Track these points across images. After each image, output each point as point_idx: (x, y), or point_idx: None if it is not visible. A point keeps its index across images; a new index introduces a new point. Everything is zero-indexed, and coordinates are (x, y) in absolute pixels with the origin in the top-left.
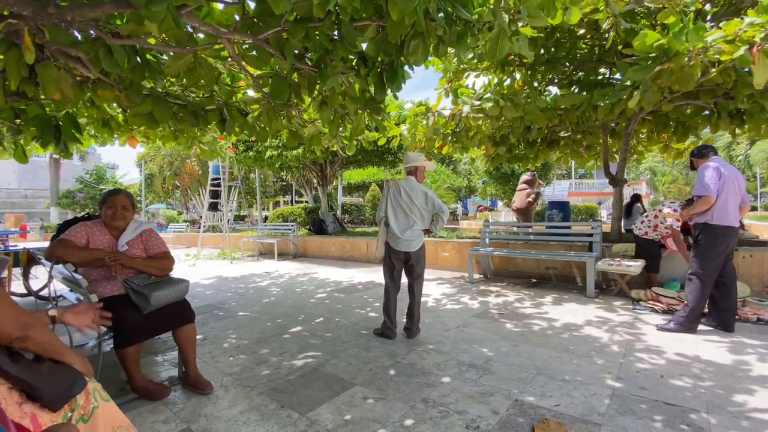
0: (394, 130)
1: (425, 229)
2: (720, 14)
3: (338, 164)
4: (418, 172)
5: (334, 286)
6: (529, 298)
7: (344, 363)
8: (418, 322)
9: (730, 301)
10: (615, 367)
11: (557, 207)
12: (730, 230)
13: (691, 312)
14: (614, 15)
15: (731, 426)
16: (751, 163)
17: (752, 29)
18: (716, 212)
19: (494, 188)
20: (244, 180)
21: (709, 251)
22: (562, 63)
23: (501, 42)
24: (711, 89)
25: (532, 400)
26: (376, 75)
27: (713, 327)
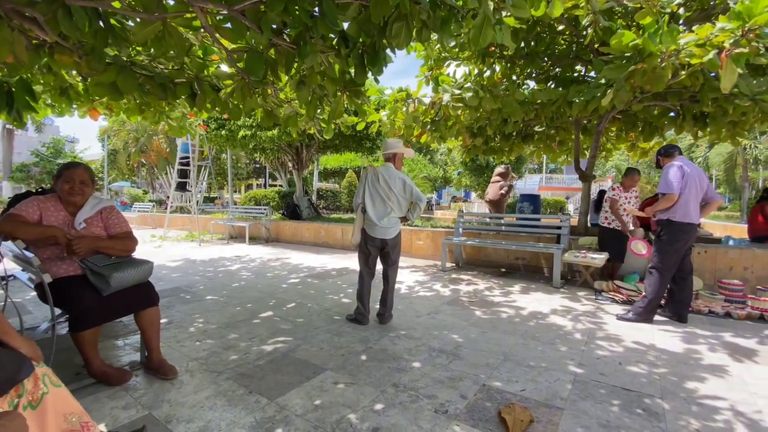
0: (373, 115)
1: (402, 216)
2: (692, 18)
3: (315, 148)
4: (396, 158)
5: (308, 272)
6: (499, 287)
7: (315, 348)
8: (391, 308)
9: (686, 293)
10: (577, 354)
11: (528, 200)
12: (691, 227)
13: (649, 303)
14: (594, 12)
15: (683, 411)
16: (709, 165)
17: (723, 34)
18: (678, 209)
19: (469, 179)
20: (215, 160)
21: (670, 246)
22: (540, 58)
23: (485, 30)
24: (678, 91)
25: (499, 385)
26: (357, 56)
27: (668, 318)
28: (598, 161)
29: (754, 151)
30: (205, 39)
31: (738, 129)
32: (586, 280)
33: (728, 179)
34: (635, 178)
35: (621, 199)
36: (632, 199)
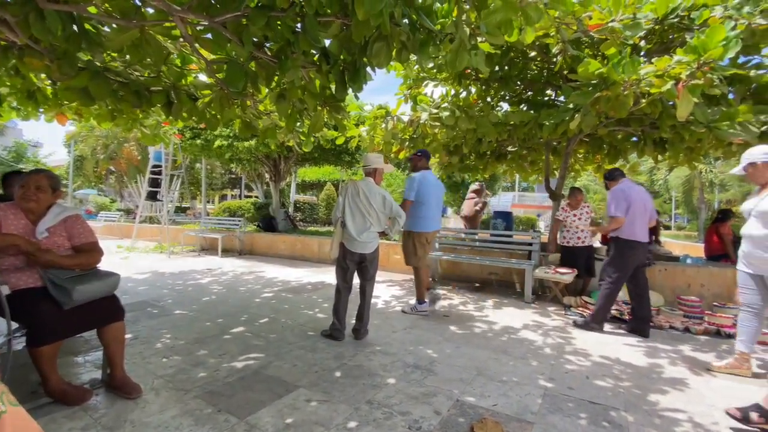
0: (353, 130)
1: (380, 231)
2: (652, 51)
3: (293, 160)
4: (376, 173)
5: (282, 286)
6: (473, 302)
7: (288, 365)
8: (367, 323)
9: (645, 310)
10: (547, 368)
11: (501, 216)
12: (637, 244)
13: (596, 312)
14: (563, 41)
15: (646, 423)
16: (669, 187)
17: (679, 66)
18: (625, 228)
19: (445, 196)
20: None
21: (616, 261)
22: (514, 81)
23: (461, 54)
24: (640, 118)
25: (472, 401)
26: (338, 73)
27: (630, 332)
28: (567, 181)
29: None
30: (184, 48)
31: (694, 154)
32: (556, 296)
33: (686, 201)
34: (578, 197)
35: (570, 217)
36: (584, 216)
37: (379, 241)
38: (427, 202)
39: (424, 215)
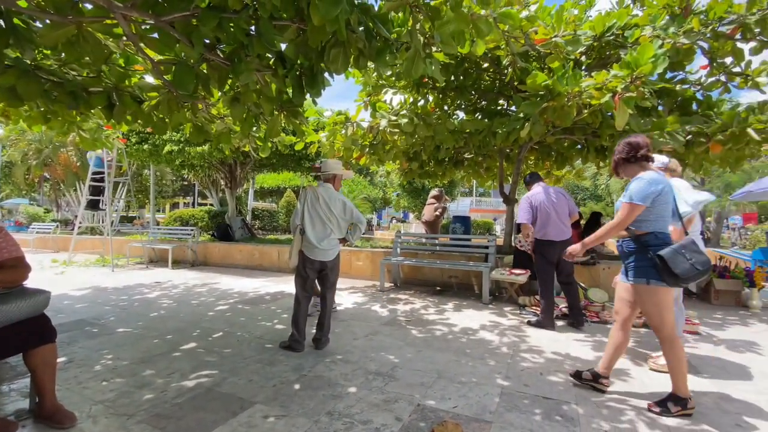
0: (312, 135)
1: (341, 238)
2: (592, 65)
3: (250, 166)
4: (336, 180)
5: (238, 298)
6: (434, 305)
7: (244, 380)
8: (328, 332)
9: (573, 301)
10: (504, 367)
11: (460, 221)
12: (552, 243)
13: (543, 311)
14: (512, 54)
15: (594, 414)
16: (610, 191)
17: (616, 80)
18: (539, 230)
19: (407, 201)
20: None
21: (539, 260)
22: (468, 91)
23: (416, 63)
24: (583, 127)
25: (432, 404)
26: (295, 77)
27: (569, 325)
28: (520, 186)
29: None
30: (127, 47)
31: None
32: (512, 296)
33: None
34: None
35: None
36: None
37: (340, 248)
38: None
39: None
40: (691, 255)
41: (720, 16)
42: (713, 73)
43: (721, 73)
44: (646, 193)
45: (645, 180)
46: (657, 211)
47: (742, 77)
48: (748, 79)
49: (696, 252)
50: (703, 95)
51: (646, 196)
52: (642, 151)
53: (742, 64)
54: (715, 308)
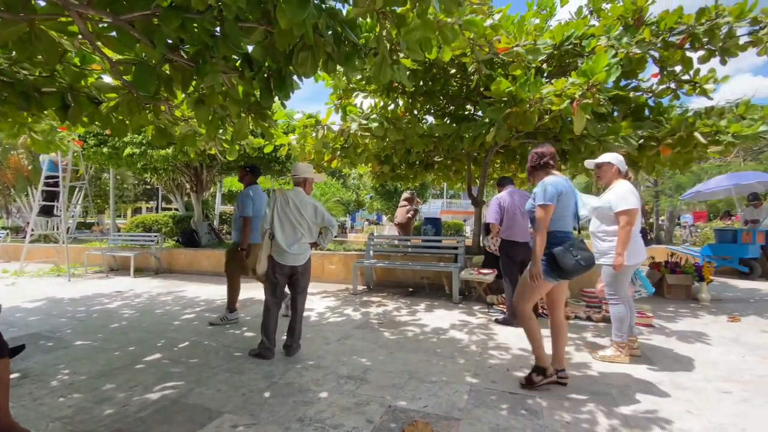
0: (282, 138)
1: (312, 242)
2: (553, 73)
3: (217, 169)
4: (307, 183)
5: (205, 306)
6: (406, 306)
7: (212, 390)
8: (299, 338)
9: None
10: (473, 365)
11: (431, 223)
12: (516, 244)
13: (509, 308)
14: (478, 61)
15: (557, 407)
16: None
17: (573, 87)
18: (503, 231)
19: (380, 203)
20: (95, 180)
21: (504, 259)
22: (437, 96)
23: (384, 69)
24: (545, 132)
25: (403, 405)
26: (263, 80)
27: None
28: (487, 188)
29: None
30: (84, 46)
31: None
32: (480, 295)
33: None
34: None
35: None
36: None
37: (310, 252)
38: (260, 216)
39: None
40: (577, 252)
41: (670, 26)
42: (664, 80)
43: (671, 80)
44: (551, 193)
45: (547, 183)
46: (558, 212)
47: (691, 84)
48: (696, 86)
49: (582, 249)
50: (654, 102)
51: (552, 196)
52: (545, 159)
53: (690, 72)
54: (668, 302)
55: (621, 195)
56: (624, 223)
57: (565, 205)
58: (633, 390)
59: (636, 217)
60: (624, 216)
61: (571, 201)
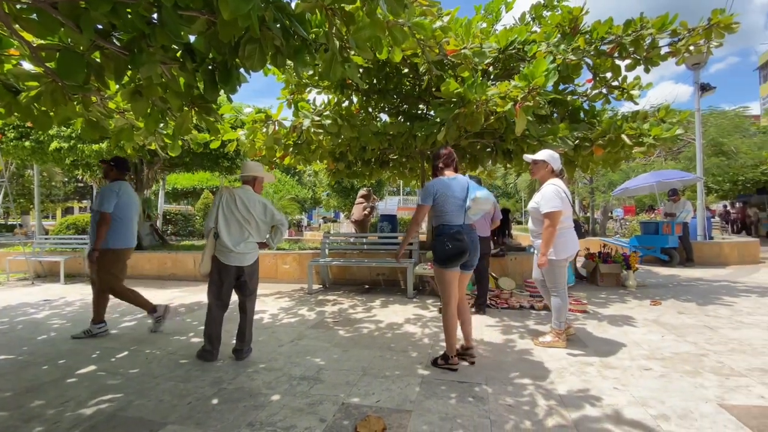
0: (230, 133)
1: (261, 242)
2: (498, 76)
3: (159, 166)
4: (256, 182)
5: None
6: (362, 304)
7: (154, 401)
8: (250, 342)
9: (483, 290)
10: (425, 357)
11: (387, 219)
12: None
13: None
14: (428, 62)
15: (502, 392)
16: (518, 189)
17: (516, 90)
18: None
19: (337, 201)
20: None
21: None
22: (391, 95)
23: (334, 65)
24: (491, 132)
25: (357, 401)
26: (207, 72)
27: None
28: None
29: None
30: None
31: None
32: (434, 289)
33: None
34: None
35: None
36: None
37: (258, 252)
38: (126, 217)
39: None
40: (450, 243)
41: (602, 36)
42: (596, 86)
43: (602, 86)
44: (424, 195)
45: (426, 186)
46: (439, 208)
47: (619, 90)
48: (624, 92)
49: (456, 240)
50: (588, 105)
51: (425, 197)
52: (436, 161)
53: (619, 78)
54: (601, 289)
55: (547, 197)
56: (547, 224)
57: (442, 202)
58: (569, 372)
59: (559, 218)
60: (547, 218)
61: (455, 195)
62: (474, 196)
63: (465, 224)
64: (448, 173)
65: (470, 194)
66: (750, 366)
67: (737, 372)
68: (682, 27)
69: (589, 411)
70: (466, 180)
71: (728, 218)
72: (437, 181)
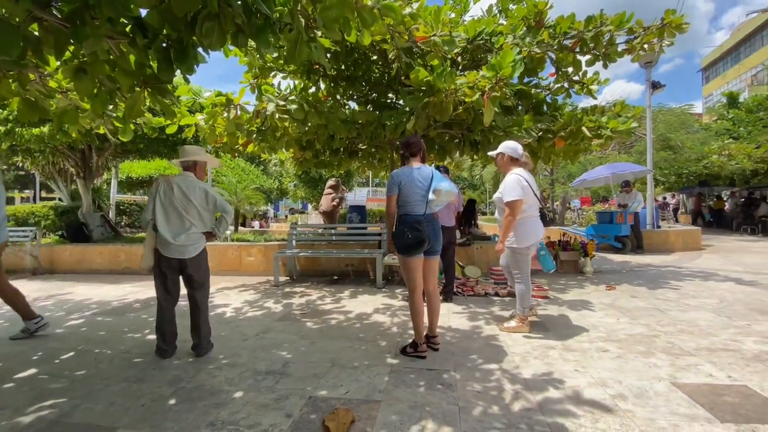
0: (187, 118)
1: (207, 231)
2: (466, 66)
3: (110, 152)
4: (197, 167)
5: (98, 308)
6: (330, 295)
7: (103, 405)
8: (208, 336)
9: (450, 279)
10: (394, 346)
11: (356, 210)
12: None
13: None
14: (398, 48)
15: (469, 378)
16: (484, 181)
17: (484, 80)
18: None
19: (304, 191)
20: None
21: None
22: (359, 82)
23: (300, 46)
24: (459, 122)
25: (325, 394)
26: (161, 50)
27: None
28: None
29: None
30: None
31: None
32: (402, 278)
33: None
34: None
35: None
36: None
37: (204, 243)
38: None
39: None
40: (410, 232)
41: (564, 30)
42: (559, 80)
43: (564, 80)
44: (390, 185)
45: (391, 175)
46: (403, 197)
47: (580, 85)
48: (584, 87)
49: (416, 230)
50: (551, 99)
51: (391, 187)
52: (403, 150)
53: (579, 73)
54: (561, 276)
55: (508, 187)
56: (507, 213)
57: (406, 191)
58: (532, 356)
59: (520, 208)
60: (508, 207)
61: (416, 187)
62: (437, 188)
63: (427, 214)
64: (414, 163)
65: (434, 185)
66: (698, 346)
67: (686, 352)
68: (638, 25)
69: (552, 393)
70: (431, 170)
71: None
72: (402, 170)
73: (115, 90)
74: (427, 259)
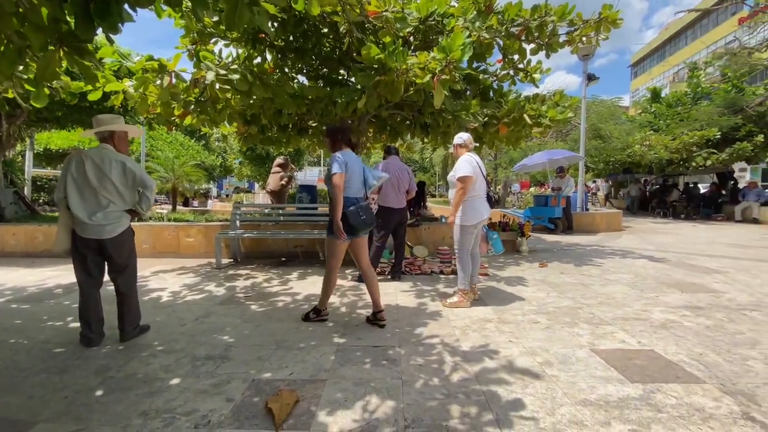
0: (113, 84)
1: (130, 209)
2: (418, 47)
3: (23, 120)
4: (116, 138)
5: (12, 295)
6: (278, 277)
7: (21, 398)
8: (137, 322)
9: (399, 259)
10: (341, 325)
11: (306, 190)
12: (391, 210)
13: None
14: (349, 22)
15: (413, 353)
16: (433, 164)
17: (434, 62)
18: (380, 198)
19: (250, 169)
20: None
21: (380, 223)
22: (309, 55)
23: (240, 9)
24: (411, 104)
25: (269, 376)
26: (78, 3)
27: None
28: (363, 158)
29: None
30: None
31: (447, 138)
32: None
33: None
34: None
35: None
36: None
37: (127, 222)
38: None
39: None
40: (363, 213)
41: (512, 17)
42: (505, 67)
43: (510, 67)
44: (339, 163)
45: (336, 156)
46: (346, 181)
47: (524, 72)
48: (528, 75)
49: (368, 211)
50: (497, 85)
51: (341, 165)
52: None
53: (524, 61)
54: (499, 254)
55: (459, 165)
56: (458, 188)
57: (348, 176)
58: (471, 329)
59: (469, 183)
60: (459, 182)
61: (357, 170)
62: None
63: (362, 198)
64: (345, 149)
65: (367, 174)
66: (614, 316)
67: (604, 321)
68: (578, 18)
69: (488, 363)
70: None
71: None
72: (346, 153)
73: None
74: (358, 239)
